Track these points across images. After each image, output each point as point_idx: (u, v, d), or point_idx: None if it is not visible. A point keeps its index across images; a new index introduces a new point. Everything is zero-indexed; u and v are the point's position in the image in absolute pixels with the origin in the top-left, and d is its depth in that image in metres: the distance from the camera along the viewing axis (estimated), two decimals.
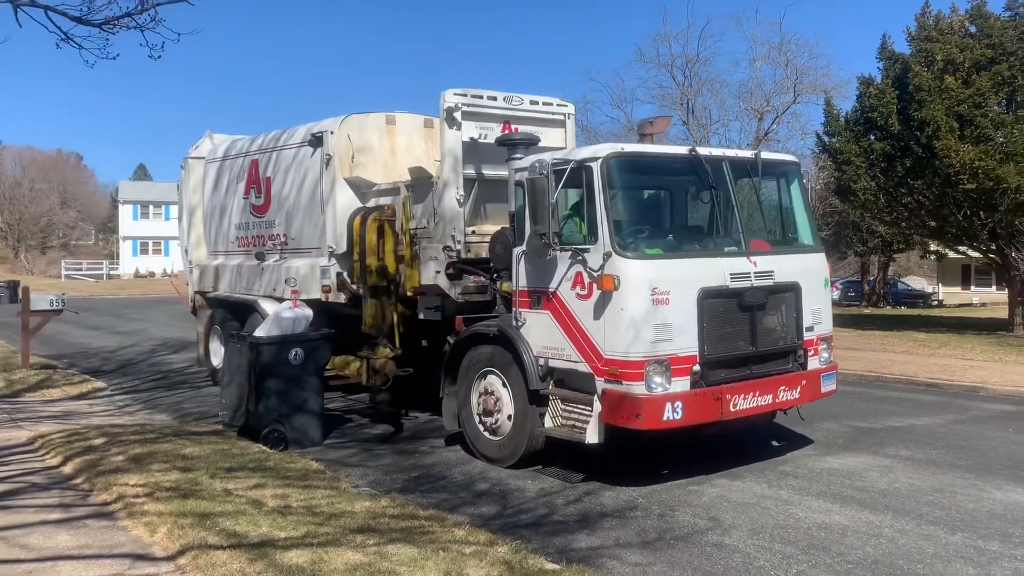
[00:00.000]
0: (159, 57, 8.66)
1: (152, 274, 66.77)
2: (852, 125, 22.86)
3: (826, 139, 24.25)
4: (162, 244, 70.85)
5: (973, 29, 21.30)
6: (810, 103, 40.34)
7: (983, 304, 43.71)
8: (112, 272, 68.46)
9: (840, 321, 22.09)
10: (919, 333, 21.45)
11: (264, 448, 8.60)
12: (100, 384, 13.57)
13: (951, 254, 30.19)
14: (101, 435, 8.82)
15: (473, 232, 9.45)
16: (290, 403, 9.07)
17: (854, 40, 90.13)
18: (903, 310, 40.45)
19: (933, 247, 32.40)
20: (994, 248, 22.73)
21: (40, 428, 9.49)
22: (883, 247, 43.34)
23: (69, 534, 5.86)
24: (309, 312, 9.74)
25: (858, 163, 22.06)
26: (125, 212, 73.90)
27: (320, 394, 9.46)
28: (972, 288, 49.23)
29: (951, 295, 49.60)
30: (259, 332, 9.42)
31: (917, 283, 54.37)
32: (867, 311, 37.60)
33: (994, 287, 45.25)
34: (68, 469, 7.64)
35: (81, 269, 67.98)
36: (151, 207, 72.95)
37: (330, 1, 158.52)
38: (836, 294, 43.01)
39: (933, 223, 22.99)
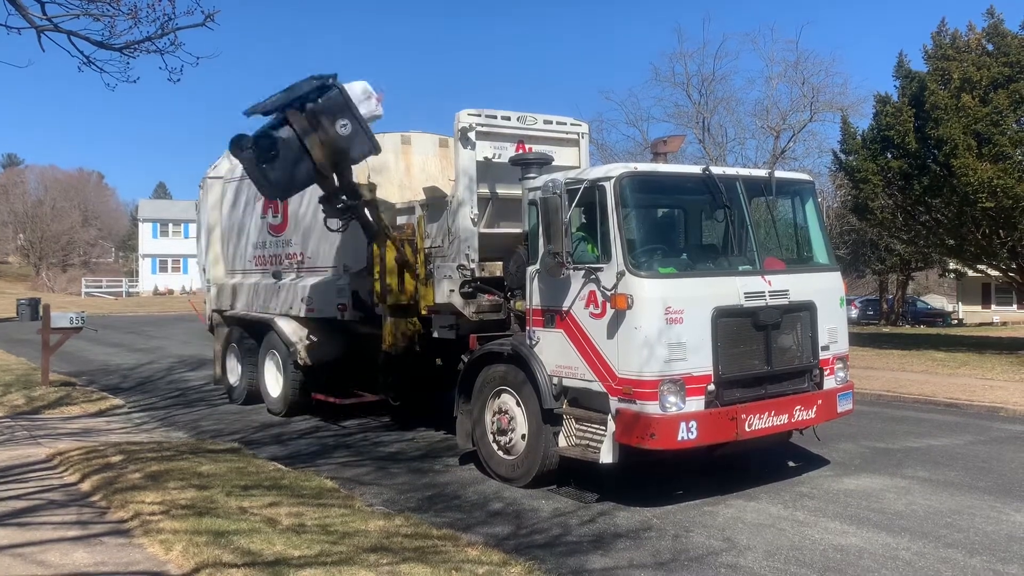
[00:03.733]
0: (178, 80, 8.81)
1: (171, 292, 67.33)
2: (869, 143, 22.75)
3: (843, 157, 24.16)
4: (181, 262, 71.53)
5: (990, 47, 21.20)
6: (827, 121, 40.16)
7: (1004, 323, 43.20)
8: (131, 290, 69.13)
9: (858, 340, 21.96)
10: (938, 352, 21.22)
11: (279, 466, 8.64)
12: (118, 401, 13.70)
13: (971, 272, 29.86)
14: (119, 452, 8.89)
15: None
16: None
17: (870, 58, 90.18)
18: (922, 329, 40.02)
19: (952, 265, 32.06)
20: (1014, 267, 22.48)
21: (59, 445, 9.58)
22: (901, 265, 43.05)
23: (86, 551, 5.91)
24: None
25: (875, 181, 21.95)
26: (145, 230, 74.71)
27: None
28: (993, 307, 48.70)
29: (971, 314, 49.09)
30: None
31: (936, 301, 53.89)
32: (885, 330, 37.24)
33: (1015, 305, 44.76)
34: (86, 486, 7.71)
35: (101, 287, 68.70)
36: (170, 225, 73.72)
37: (347, 23, 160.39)
38: (854, 313, 42.69)
39: (952, 241, 22.81)
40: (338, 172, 8.70)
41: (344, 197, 9.00)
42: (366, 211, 9.31)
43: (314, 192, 11.54)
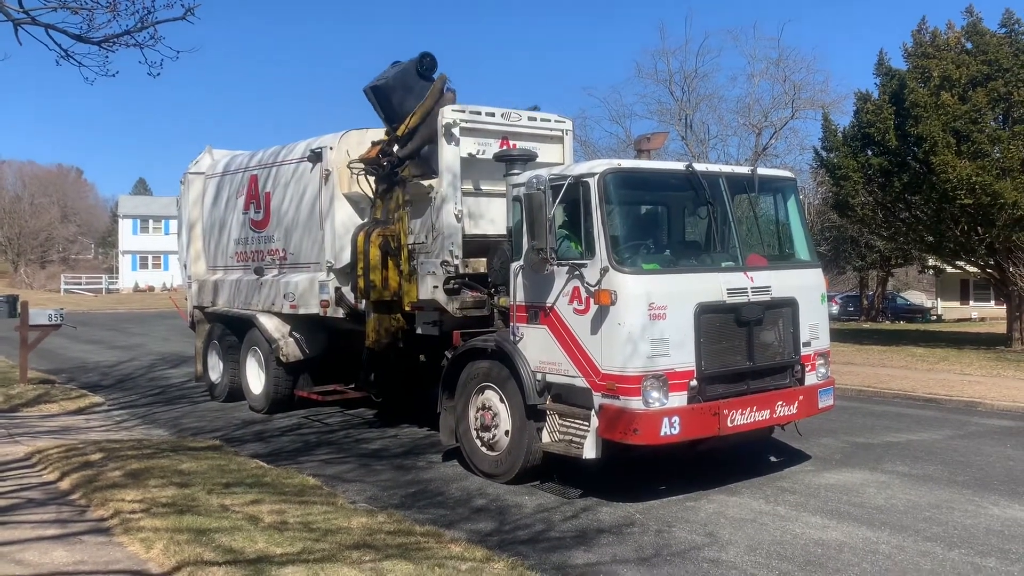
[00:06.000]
0: (158, 74, 8.71)
1: (151, 288, 66.75)
2: (850, 140, 22.93)
3: (824, 154, 24.32)
4: (161, 258, 70.93)
5: (969, 46, 21.42)
6: (808, 118, 40.48)
7: (982, 319, 43.67)
8: (111, 286, 68.46)
9: (838, 336, 22.11)
10: (917, 348, 21.45)
11: (261, 463, 8.59)
12: (98, 399, 13.57)
13: (949, 269, 30.17)
14: (98, 450, 8.81)
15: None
16: None
17: (851, 56, 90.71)
18: (902, 325, 40.43)
19: (931, 262, 32.39)
20: (992, 263, 22.76)
21: (38, 443, 9.48)
22: (881, 262, 43.42)
23: (65, 550, 5.86)
24: None
25: (856, 178, 22.12)
26: (125, 226, 73.96)
27: None
28: (971, 303, 49.19)
29: (950, 310, 49.56)
30: None
31: (916, 298, 54.37)
32: (866, 326, 37.60)
33: (993, 302, 45.26)
34: (65, 484, 7.64)
35: (80, 283, 67.97)
36: (151, 221, 73.05)
37: (328, 18, 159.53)
38: (835, 309, 43.03)
39: (931, 238, 23.03)
40: None
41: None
42: None
43: (295, 187, 11.53)
